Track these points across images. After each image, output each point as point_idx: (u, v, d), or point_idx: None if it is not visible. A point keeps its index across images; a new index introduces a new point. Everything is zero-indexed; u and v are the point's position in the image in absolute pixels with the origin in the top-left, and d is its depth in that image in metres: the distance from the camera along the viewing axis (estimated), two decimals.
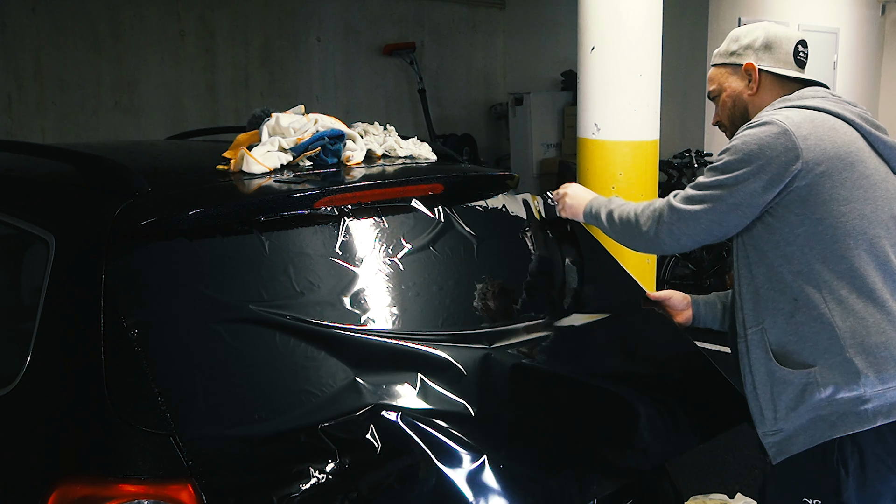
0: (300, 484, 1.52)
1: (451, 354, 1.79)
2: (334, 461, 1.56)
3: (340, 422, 1.60)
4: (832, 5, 9.68)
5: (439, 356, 1.78)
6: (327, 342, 1.69)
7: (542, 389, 1.87)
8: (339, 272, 1.81)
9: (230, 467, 1.49)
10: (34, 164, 2.22)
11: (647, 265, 3.75)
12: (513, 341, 1.92)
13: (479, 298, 1.99)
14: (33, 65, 6.44)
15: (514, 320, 1.99)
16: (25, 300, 1.85)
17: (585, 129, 3.70)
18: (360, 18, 8.65)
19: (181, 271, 1.66)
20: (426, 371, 1.74)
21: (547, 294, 2.16)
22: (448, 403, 1.74)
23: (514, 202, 2.31)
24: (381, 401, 1.67)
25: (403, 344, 1.78)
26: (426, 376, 1.73)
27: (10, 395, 1.62)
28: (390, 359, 1.74)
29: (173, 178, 2.13)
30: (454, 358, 1.79)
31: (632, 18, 3.52)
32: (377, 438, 1.63)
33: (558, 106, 9.02)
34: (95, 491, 1.44)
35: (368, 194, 1.97)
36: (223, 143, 2.45)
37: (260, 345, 1.63)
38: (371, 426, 1.63)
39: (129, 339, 1.54)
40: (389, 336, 1.78)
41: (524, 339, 1.95)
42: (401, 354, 1.76)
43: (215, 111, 7.55)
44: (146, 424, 1.47)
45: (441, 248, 2.00)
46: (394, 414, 1.66)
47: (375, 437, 1.63)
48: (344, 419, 1.61)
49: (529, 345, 1.95)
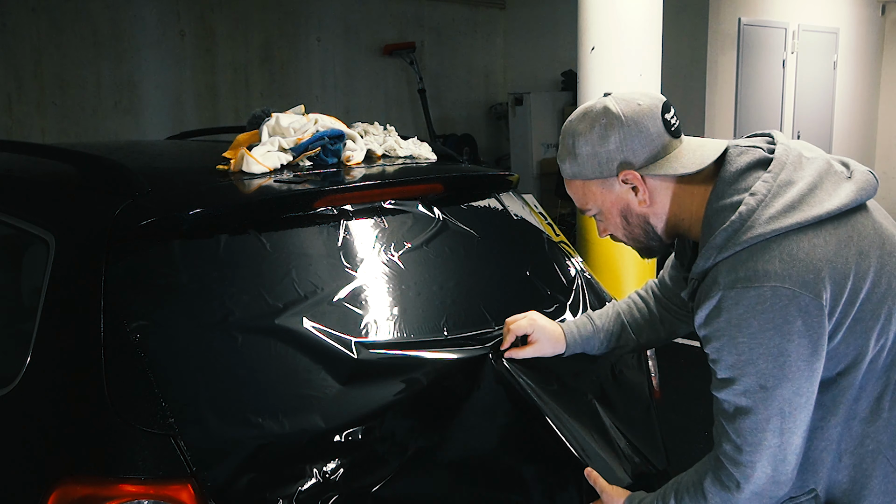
0: (300, 484, 1.52)
1: (452, 357, 1.79)
2: (334, 462, 1.56)
3: (340, 422, 1.61)
4: (832, 5, 9.68)
5: (439, 359, 1.78)
6: (327, 343, 1.69)
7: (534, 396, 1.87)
8: (339, 273, 1.81)
9: (230, 467, 1.49)
10: (34, 164, 2.22)
11: (647, 265, 3.75)
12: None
13: (480, 300, 1.98)
14: (33, 65, 6.44)
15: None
16: (25, 300, 1.85)
17: None
18: (360, 18, 8.65)
19: (181, 271, 1.66)
20: (426, 374, 1.74)
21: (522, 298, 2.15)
22: (449, 406, 1.74)
23: (512, 202, 2.31)
24: (382, 403, 1.67)
25: (403, 345, 1.77)
26: (426, 379, 1.73)
27: (10, 395, 1.62)
28: (390, 360, 1.74)
29: (173, 178, 2.13)
30: (454, 361, 1.79)
31: (632, 18, 3.53)
32: (377, 439, 1.63)
33: (558, 106, 9.02)
34: (95, 491, 1.44)
35: (368, 194, 1.97)
36: (223, 143, 2.45)
37: (260, 345, 1.63)
38: (371, 427, 1.63)
39: (129, 339, 1.54)
40: (390, 338, 1.78)
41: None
42: (401, 356, 1.76)
43: (215, 111, 7.55)
44: (146, 424, 1.47)
45: (441, 247, 2.00)
46: (394, 415, 1.66)
47: (375, 438, 1.63)
48: (344, 420, 1.61)
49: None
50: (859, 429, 1.48)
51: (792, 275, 1.35)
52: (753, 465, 1.42)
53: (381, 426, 1.64)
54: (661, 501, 1.57)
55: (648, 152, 1.48)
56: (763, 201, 1.40)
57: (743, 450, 1.42)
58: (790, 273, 1.35)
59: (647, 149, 1.48)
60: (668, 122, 1.49)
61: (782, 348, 1.36)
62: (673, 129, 1.50)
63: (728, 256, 1.40)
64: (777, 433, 1.40)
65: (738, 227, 1.40)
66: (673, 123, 1.50)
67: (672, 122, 1.50)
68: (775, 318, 1.35)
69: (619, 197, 1.53)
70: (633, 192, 1.52)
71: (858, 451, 1.49)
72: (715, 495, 1.48)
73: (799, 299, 1.35)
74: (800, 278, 1.35)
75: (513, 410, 1.81)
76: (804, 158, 1.47)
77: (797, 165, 1.45)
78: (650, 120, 1.47)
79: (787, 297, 1.35)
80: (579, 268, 2.29)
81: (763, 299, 1.35)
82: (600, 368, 2.07)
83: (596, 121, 1.49)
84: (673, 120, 1.50)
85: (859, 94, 10.50)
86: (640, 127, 1.47)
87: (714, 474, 1.48)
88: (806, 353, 1.37)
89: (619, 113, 1.47)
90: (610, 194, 1.53)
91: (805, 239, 1.38)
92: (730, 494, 1.46)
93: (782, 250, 1.37)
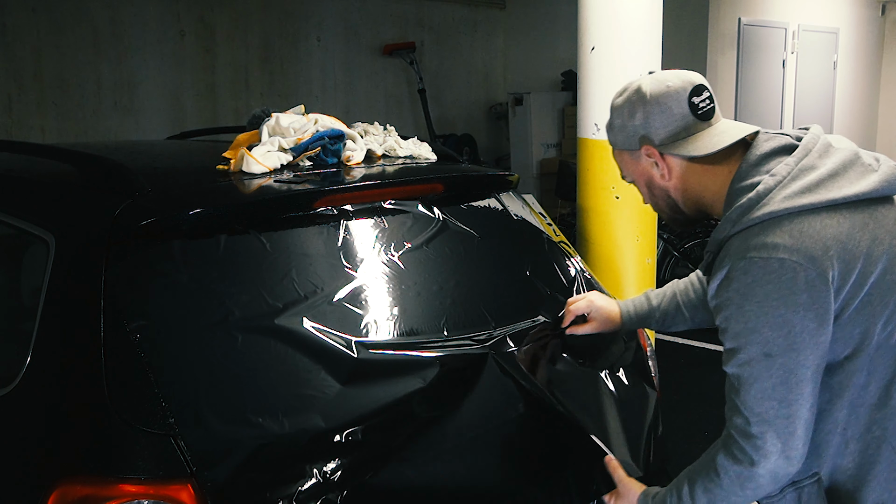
0: (300, 484, 1.52)
1: (452, 357, 1.79)
2: (333, 462, 1.56)
3: (341, 422, 1.61)
4: (832, 5, 9.68)
5: (439, 359, 1.78)
6: (327, 343, 1.69)
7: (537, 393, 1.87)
8: (339, 273, 1.81)
9: (230, 467, 1.49)
10: (34, 164, 2.22)
11: (647, 265, 3.75)
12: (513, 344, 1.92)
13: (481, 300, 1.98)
14: (33, 65, 6.44)
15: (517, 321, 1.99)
16: (25, 300, 1.85)
17: (585, 129, 3.70)
18: (360, 18, 8.65)
19: (181, 271, 1.66)
20: (426, 374, 1.74)
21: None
22: (449, 406, 1.74)
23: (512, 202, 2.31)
24: (381, 402, 1.67)
25: (403, 345, 1.77)
26: (426, 379, 1.73)
27: (10, 395, 1.62)
28: (390, 360, 1.74)
29: (173, 178, 2.13)
30: (454, 361, 1.79)
31: (632, 18, 3.52)
32: (377, 439, 1.63)
33: (558, 106, 9.02)
34: (95, 491, 1.44)
35: (368, 194, 1.97)
36: (223, 143, 2.45)
37: (260, 345, 1.63)
38: (371, 427, 1.63)
39: (129, 339, 1.54)
40: (390, 338, 1.78)
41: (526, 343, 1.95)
42: (401, 356, 1.76)
43: (215, 111, 7.55)
44: (146, 424, 1.47)
45: (441, 247, 2.00)
46: (393, 415, 1.66)
47: (375, 438, 1.63)
48: (344, 420, 1.61)
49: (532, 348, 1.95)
50: (866, 415, 1.50)
51: (800, 249, 1.39)
52: (764, 437, 1.43)
53: (380, 426, 1.64)
54: (674, 492, 1.58)
55: (669, 131, 1.55)
56: (781, 182, 1.45)
57: (750, 421, 1.44)
58: (798, 247, 1.39)
59: (667, 128, 1.55)
60: (696, 104, 1.55)
61: (787, 318, 1.39)
62: (700, 113, 1.55)
63: (741, 230, 1.46)
64: (783, 403, 1.42)
65: (753, 203, 1.45)
66: (701, 107, 1.56)
67: (700, 106, 1.56)
68: (781, 289, 1.39)
69: (644, 169, 1.63)
70: (655, 167, 1.60)
71: (865, 437, 1.51)
72: (729, 470, 1.48)
73: (805, 272, 1.38)
74: (807, 253, 1.39)
75: (513, 410, 1.81)
76: (831, 148, 1.50)
77: (822, 153, 1.49)
78: (675, 101, 1.54)
79: (793, 269, 1.38)
80: (579, 268, 2.29)
81: (770, 270, 1.39)
82: (601, 368, 2.07)
83: (628, 97, 1.59)
84: (702, 104, 1.56)
85: (859, 95, 10.50)
86: (664, 107, 1.54)
87: (726, 450, 1.49)
88: (811, 326, 1.40)
89: (647, 91, 1.56)
90: (638, 165, 1.63)
91: (817, 219, 1.41)
92: (743, 468, 1.46)
93: (793, 227, 1.41)
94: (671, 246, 5.71)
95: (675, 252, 5.70)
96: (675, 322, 1.97)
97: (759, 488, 1.48)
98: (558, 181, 6.55)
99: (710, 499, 1.52)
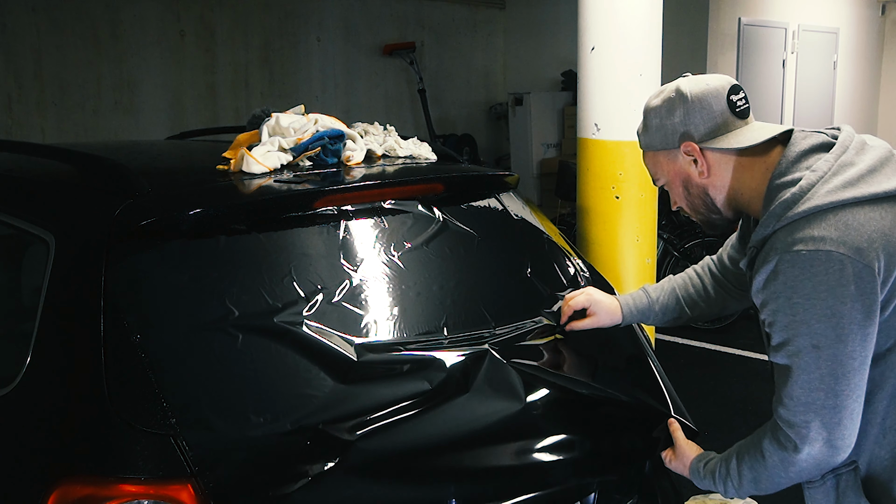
0: (300, 484, 1.52)
1: (452, 357, 1.79)
2: (334, 462, 1.56)
3: (340, 423, 1.60)
4: (832, 5, 9.69)
5: (439, 359, 1.78)
6: (328, 343, 1.69)
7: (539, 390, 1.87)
8: (339, 273, 1.81)
9: (231, 468, 1.49)
10: (34, 164, 2.22)
11: (647, 265, 3.75)
12: (516, 344, 1.92)
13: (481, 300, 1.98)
14: (33, 65, 6.44)
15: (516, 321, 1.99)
16: (25, 300, 1.85)
17: (585, 129, 3.70)
18: (360, 18, 8.65)
19: (181, 271, 1.66)
20: (427, 373, 1.74)
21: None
22: (449, 405, 1.74)
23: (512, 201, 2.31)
24: (382, 402, 1.67)
25: (403, 345, 1.77)
26: (427, 378, 1.73)
27: (10, 395, 1.62)
28: (390, 360, 1.74)
29: (173, 178, 2.13)
30: (454, 361, 1.79)
31: (632, 18, 3.52)
32: (377, 439, 1.63)
33: (558, 106, 9.02)
34: (95, 491, 1.44)
35: (368, 194, 1.97)
36: (223, 143, 2.45)
37: (260, 345, 1.63)
38: (371, 427, 1.63)
39: (129, 339, 1.54)
40: (390, 338, 1.78)
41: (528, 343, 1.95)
42: (401, 356, 1.76)
43: (215, 111, 7.55)
44: (146, 424, 1.47)
45: (441, 247, 2.00)
46: (394, 414, 1.66)
47: (375, 438, 1.63)
48: (344, 420, 1.61)
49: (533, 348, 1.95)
50: None
51: (846, 241, 1.41)
52: (808, 426, 1.47)
53: (380, 426, 1.64)
54: (724, 463, 1.66)
55: (709, 127, 1.59)
56: (823, 177, 1.48)
57: (796, 411, 1.48)
58: (844, 239, 1.42)
59: (708, 124, 1.59)
60: (734, 102, 1.60)
61: (835, 310, 1.42)
62: (738, 110, 1.60)
63: (786, 225, 1.48)
64: (830, 394, 1.45)
65: (797, 198, 1.48)
66: (739, 105, 1.60)
67: (738, 104, 1.60)
68: (829, 281, 1.41)
69: (681, 168, 1.65)
70: (693, 164, 1.63)
71: None
72: (773, 454, 1.54)
73: (852, 264, 1.41)
74: (853, 245, 1.41)
75: (512, 410, 1.81)
76: (867, 145, 1.54)
77: (859, 150, 1.52)
78: (714, 98, 1.59)
79: (840, 261, 1.41)
80: (579, 268, 2.29)
81: (817, 262, 1.42)
82: (602, 368, 2.07)
83: (667, 97, 1.63)
84: (740, 102, 1.61)
85: (859, 94, 10.50)
86: (704, 104, 1.59)
87: (772, 435, 1.54)
88: (859, 317, 1.42)
89: (686, 90, 1.61)
90: (674, 165, 1.66)
91: (861, 212, 1.44)
92: (787, 454, 1.51)
93: (838, 219, 1.43)
94: (671, 246, 5.71)
95: (675, 252, 5.70)
96: (675, 316, 2.00)
97: (803, 472, 1.53)
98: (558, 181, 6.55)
99: (755, 476, 1.59)
